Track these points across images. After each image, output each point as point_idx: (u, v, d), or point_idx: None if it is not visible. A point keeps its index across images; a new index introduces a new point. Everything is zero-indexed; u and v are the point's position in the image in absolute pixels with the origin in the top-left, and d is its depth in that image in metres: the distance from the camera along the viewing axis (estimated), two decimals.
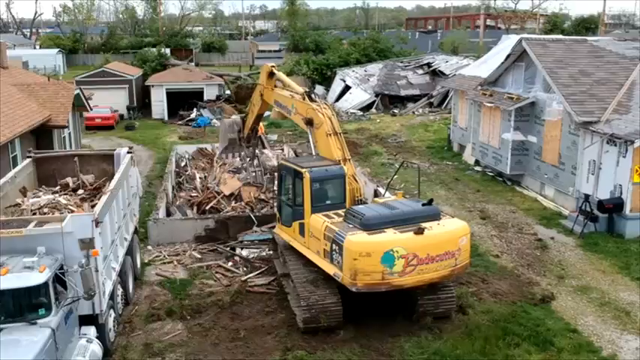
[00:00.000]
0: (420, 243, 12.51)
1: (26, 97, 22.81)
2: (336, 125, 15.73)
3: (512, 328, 13.38)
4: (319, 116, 15.63)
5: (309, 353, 12.50)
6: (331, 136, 15.45)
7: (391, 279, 12.40)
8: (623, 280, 15.99)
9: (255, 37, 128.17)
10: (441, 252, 12.72)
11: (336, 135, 15.59)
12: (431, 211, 13.52)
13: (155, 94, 43.37)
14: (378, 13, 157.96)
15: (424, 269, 12.61)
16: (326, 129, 15.46)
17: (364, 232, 12.63)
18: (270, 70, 18.42)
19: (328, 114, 15.83)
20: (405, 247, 12.37)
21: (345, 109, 45.31)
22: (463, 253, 13.19)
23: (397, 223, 12.87)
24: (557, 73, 21.41)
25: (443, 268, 12.84)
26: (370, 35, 56.76)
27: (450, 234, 13.03)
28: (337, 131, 15.68)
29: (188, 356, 12.61)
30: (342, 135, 15.83)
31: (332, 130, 15.51)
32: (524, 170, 24.11)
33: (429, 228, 12.85)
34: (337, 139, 15.55)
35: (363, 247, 12.25)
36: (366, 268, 12.26)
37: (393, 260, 12.28)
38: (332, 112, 16.14)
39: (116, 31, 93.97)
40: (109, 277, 12.53)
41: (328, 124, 15.54)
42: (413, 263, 12.46)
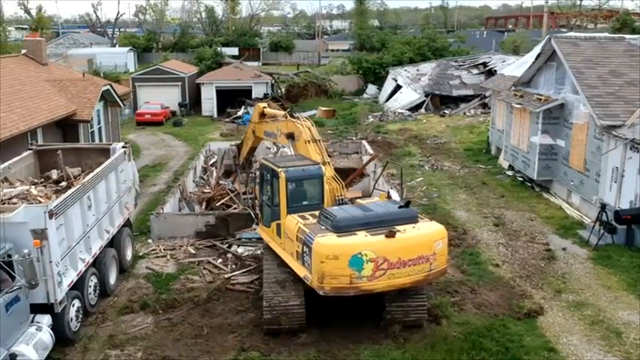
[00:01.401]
0: (390, 246, 12.03)
1: (56, 92, 23.85)
2: (315, 133, 16.05)
3: (483, 342, 12.60)
4: (298, 127, 15.98)
5: (263, 355, 12.30)
6: (310, 143, 15.64)
7: (360, 283, 11.98)
8: (627, 297, 14.73)
9: (328, 36, 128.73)
10: (413, 256, 12.17)
11: (315, 142, 15.78)
12: (407, 214, 12.97)
13: (205, 92, 44.35)
14: (457, 12, 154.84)
15: (395, 274, 12.11)
16: (305, 137, 15.61)
17: (334, 234, 12.29)
18: (261, 110, 18.94)
19: (307, 124, 16.20)
20: (375, 250, 11.92)
21: (394, 108, 44.58)
22: (439, 257, 12.57)
23: (370, 226, 12.43)
24: (584, 73, 20.06)
25: (416, 272, 12.29)
26: (426, 34, 55.54)
27: (424, 238, 12.45)
28: (316, 138, 15.86)
29: (146, 350, 12.70)
30: (320, 142, 15.93)
31: (311, 137, 15.76)
32: (552, 176, 22.76)
33: (402, 231, 12.34)
34: (316, 146, 15.69)
35: (330, 250, 11.90)
36: (334, 272, 11.90)
37: (362, 264, 11.86)
38: (311, 123, 16.27)
39: (188, 31, 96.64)
40: (73, 268, 12.81)
41: (307, 132, 15.81)
42: (383, 267, 12.00)
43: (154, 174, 27.59)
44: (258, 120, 19.16)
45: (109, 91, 25.77)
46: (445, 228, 13.18)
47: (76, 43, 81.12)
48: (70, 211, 12.67)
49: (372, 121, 41.47)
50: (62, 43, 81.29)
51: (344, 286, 11.95)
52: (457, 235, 18.94)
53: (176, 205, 20.91)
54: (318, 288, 12.13)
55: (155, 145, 35.07)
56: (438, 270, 12.69)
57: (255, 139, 20.00)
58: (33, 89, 22.79)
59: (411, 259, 12.11)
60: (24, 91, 22.21)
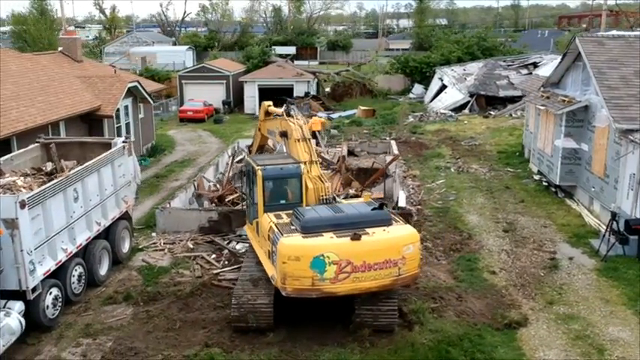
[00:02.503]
0: (355, 249, 11.82)
1: (85, 88, 24.77)
2: (306, 132, 15.86)
3: (451, 352, 12.14)
4: (291, 125, 15.76)
5: (225, 352, 12.31)
6: (299, 142, 15.47)
7: (322, 285, 11.83)
8: (623, 312, 13.82)
9: (393, 35, 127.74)
10: (380, 260, 11.91)
11: (305, 141, 15.58)
12: (380, 216, 12.69)
13: (248, 90, 44.93)
14: (529, 10, 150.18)
15: (360, 277, 11.89)
16: (295, 136, 15.42)
17: (301, 234, 12.19)
18: (266, 108, 18.95)
19: (299, 123, 15.97)
20: (338, 252, 11.74)
21: (437, 109, 43.71)
22: (409, 262, 12.22)
23: (340, 227, 12.24)
24: (605, 73, 18.99)
25: (383, 277, 12.02)
26: (476, 33, 54.05)
27: (392, 241, 12.16)
28: (306, 137, 15.66)
29: (117, 340, 12.96)
30: (310, 140, 15.69)
31: (301, 136, 15.55)
32: (575, 182, 21.66)
33: (371, 234, 12.10)
34: (305, 144, 15.52)
35: (292, 251, 11.82)
36: (295, 273, 11.81)
37: (324, 266, 11.71)
38: (304, 122, 16.10)
39: (248, 30, 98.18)
40: (52, 257, 13.25)
41: (298, 131, 15.64)
42: (347, 270, 11.80)
43: (180, 169, 28.18)
44: (264, 118, 19.23)
45: (137, 87, 26.50)
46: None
47: (139, 42, 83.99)
48: (50, 202, 13.09)
49: (411, 121, 40.81)
50: (126, 41, 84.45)
51: (306, 288, 11.81)
52: (460, 240, 18.38)
53: (186, 200, 21.28)
54: (281, 289, 12.06)
55: (191, 141, 35.83)
56: (409, 275, 12.33)
57: (262, 138, 20.10)
58: (61, 85, 23.75)
59: (377, 263, 11.83)
60: (51, 86, 23.18)
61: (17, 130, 18.57)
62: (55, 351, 12.60)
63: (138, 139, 28.00)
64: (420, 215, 20.97)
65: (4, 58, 23.25)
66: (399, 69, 51.45)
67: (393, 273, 11.96)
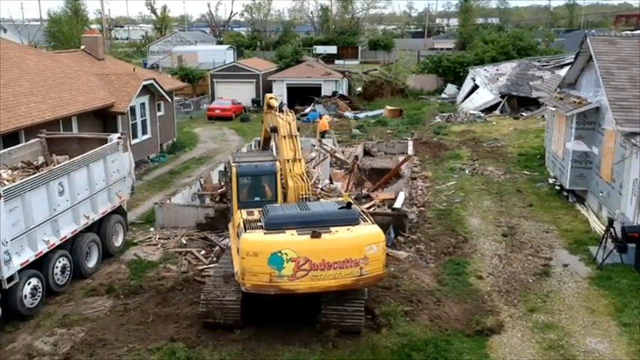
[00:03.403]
0: (314, 247, 11.76)
1: (101, 85, 25.44)
2: (294, 129, 15.69)
3: (414, 356, 11.91)
4: (280, 121, 15.73)
5: (188, 347, 12.41)
6: (286, 139, 15.42)
7: (280, 282, 11.83)
8: (607, 323, 13.23)
9: (441, 34, 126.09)
10: (340, 259, 11.80)
11: (291, 137, 15.50)
12: (346, 215, 12.55)
13: (276, 89, 45.13)
14: (585, 10, 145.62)
15: (319, 275, 11.82)
16: (282, 132, 15.40)
17: (263, 231, 12.22)
18: (268, 100, 18.95)
19: (289, 119, 15.93)
20: (296, 250, 11.70)
21: (467, 109, 42.88)
22: (372, 262, 12.04)
23: (304, 225, 12.18)
24: (613, 74, 18.23)
25: (343, 276, 11.89)
26: (512, 32, 52.66)
27: (353, 240, 12.01)
28: (293, 134, 15.56)
29: (90, 331, 13.25)
30: (297, 138, 15.55)
31: (287, 132, 15.49)
32: (586, 186, 20.86)
33: (333, 232, 11.98)
34: (292, 142, 15.48)
35: (250, 246, 11.88)
36: (253, 269, 11.86)
37: (282, 263, 11.71)
38: (293, 118, 15.99)
39: (290, 29, 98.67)
40: (31, 248, 13.66)
41: (286, 127, 15.58)
42: (305, 268, 11.76)
43: (195, 166, 28.60)
44: (266, 110, 19.14)
45: (154, 85, 27.01)
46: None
47: (182, 41, 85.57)
48: (30, 195, 13.50)
49: (438, 121, 40.17)
50: (170, 40, 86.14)
51: (264, 284, 11.83)
52: (455, 243, 17.98)
53: (189, 197, 21.57)
54: (241, 284, 12.12)
55: (214, 138, 36.32)
56: (372, 276, 12.13)
57: (265, 131, 19.98)
58: (76, 82, 24.47)
59: (337, 262, 11.72)
60: (66, 83, 23.91)
61: (23, 125, 19.22)
62: (29, 339, 12.98)
63: (155, 136, 28.56)
64: (421, 217, 20.66)
65: (23, 55, 24.13)
66: (432, 69, 50.74)
67: (355, 273, 11.80)
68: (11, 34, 66.29)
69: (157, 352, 12.23)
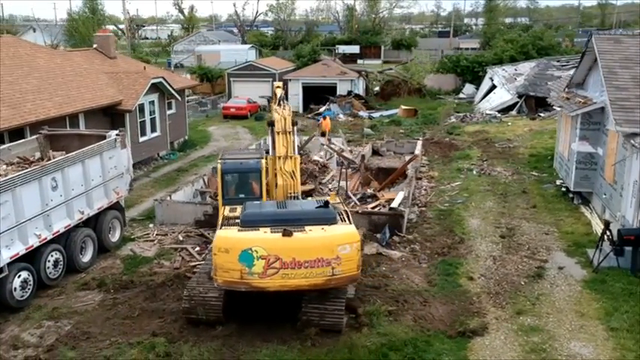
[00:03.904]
0: (285, 245, 11.75)
1: (111, 83, 25.81)
2: (288, 125, 15.61)
3: (391, 356, 11.82)
4: (275, 116, 15.73)
5: (169, 341, 12.50)
6: (280, 135, 15.40)
7: (250, 279, 11.87)
8: (594, 328, 12.94)
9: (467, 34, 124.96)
10: (311, 258, 11.77)
11: (285, 134, 15.46)
12: (323, 214, 12.53)
13: (292, 88, 45.25)
14: (618, 9, 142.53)
15: (289, 274, 11.81)
16: (276, 127, 15.40)
17: (238, 227, 12.27)
18: (274, 90, 18.97)
19: (284, 114, 15.84)
20: (266, 247, 11.72)
21: (483, 109, 42.39)
22: (345, 262, 11.96)
23: (279, 223, 12.19)
24: (616, 73, 17.83)
25: (314, 275, 11.86)
26: (532, 32, 51.83)
27: (325, 240, 11.95)
28: (287, 130, 15.51)
29: (76, 324, 13.46)
30: (291, 134, 15.52)
31: (281, 128, 15.46)
32: (591, 188, 20.45)
33: (307, 231, 11.96)
34: (285, 138, 15.44)
35: (222, 243, 11.97)
36: (225, 265, 11.94)
37: (252, 260, 11.75)
38: (289, 113, 15.95)
39: (313, 29, 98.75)
40: (22, 242, 13.92)
41: (281, 123, 15.52)
42: (275, 266, 11.77)
43: (204, 164, 28.79)
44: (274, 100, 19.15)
45: (162, 83, 27.29)
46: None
47: (206, 41, 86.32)
48: (20, 190, 13.75)
49: (452, 121, 39.79)
50: (194, 40, 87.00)
51: (235, 281, 11.88)
52: (450, 244, 17.79)
53: (191, 194, 21.75)
54: (214, 280, 12.20)
55: (226, 137, 36.56)
56: (345, 276, 12.05)
57: None
58: (85, 80, 24.85)
59: (307, 261, 11.68)
60: (75, 81, 24.31)
61: (27, 122, 19.60)
62: (17, 331, 13.23)
63: (165, 134, 28.84)
64: (421, 217, 20.50)
65: (34, 53, 24.62)
66: (450, 68, 50.27)
67: (326, 272, 11.75)
68: (40, 33, 67.81)
69: (137, 346, 12.35)
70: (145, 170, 27.43)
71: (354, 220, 18.18)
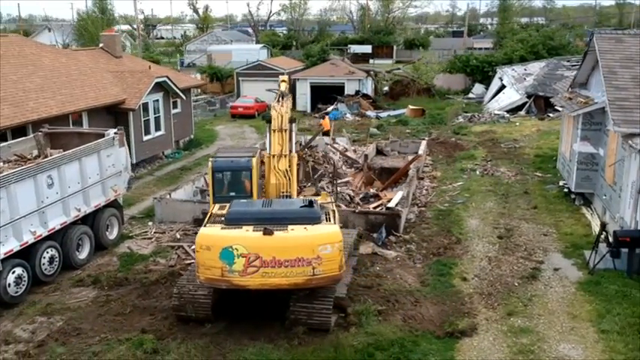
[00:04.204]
0: (265, 244, 11.77)
1: (115, 82, 26.02)
2: (285, 122, 15.56)
3: (376, 355, 11.81)
4: (272, 113, 15.70)
5: (157, 338, 12.58)
6: (275, 132, 15.38)
7: (231, 277, 11.92)
8: (585, 330, 12.81)
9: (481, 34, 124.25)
10: (291, 257, 11.77)
11: (280, 131, 15.43)
12: (306, 214, 12.47)
13: (300, 88, 45.31)
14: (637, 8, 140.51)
15: (269, 273, 11.82)
16: (273, 125, 15.40)
17: (222, 225, 12.34)
18: (280, 82, 18.93)
19: (282, 112, 15.76)
20: (247, 246, 11.76)
21: (492, 109, 42.11)
22: (326, 263, 11.93)
23: (263, 222, 12.20)
24: (616, 73, 17.62)
25: (294, 275, 11.85)
26: (542, 31, 51.34)
27: (305, 240, 11.90)
28: (283, 128, 15.49)
29: (68, 321, 13.60)
30: (286, 132, 15.51)
31: (277, 126, 15.44)
32: (592, 189, 20.23)
33: (288, 230, 11.97)
34: (280, 136, 15.41)
35: (204, 240, 12.05)
36: (207, 262, 12.01)
37: (233, 258, 11.79)
38: (286, 110, 15.86)
39: (325, 29, 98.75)
40: (16, 238, 14.09)
41: (277, 120, 15.48)
42: (255, 264, 11.80)
43: (207, 163, 28.89)
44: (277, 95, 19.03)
45: (167, 82, 27.46)
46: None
47: (218, 40, 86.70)
48: (14, 187, 13.92)
49: (460, 121, 39.58)
50: (206, 40, 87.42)
51: (216, 278, 11.96)
52: (447, 244, 17.71)
53: (191, 193, 21.86)
54: (197, 277, 12.28)
55: (232, 136, 36.69)
56: (327, 276, 11.98)
57: None
58: (89, 79, 25.09)
59: (287, 260, 11.69)
60: (79, 80, 24.54)
61: (29, 120, 19.83)
62: (10, 326, 13.40)
63: (169, 133, 29.01)
64: (420, 217, 20.43)
65: (39, 52, 24.89)
66: (460, 68, 50.00)
67: (307, 272, 11.73)
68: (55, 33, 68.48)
69: (125, 343, 12.45)
70: (149, 169, 27.62)
71: (352, 219, 18.50)
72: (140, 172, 26.94)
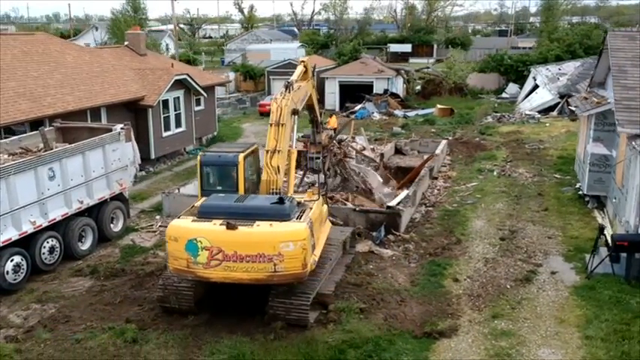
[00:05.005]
0: (227, 238, 11.91)
1: (136, 79, 26.66)
2: (283, 116, 15.06)
3: (347, 354, 11.75)
4: (273, 105, 15.37)
5: (139, 328, 12.89)
6: (272, 126, 15.11)
7: (196, 269, 12.16)
8: (570, 335, 12.46)
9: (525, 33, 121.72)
10: (252, 253, 11.86)
11: (277, 125, 15.09)
12: (275, 211, 12.46)
13: (329, 86, 45.36)
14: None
15: (231, 267, 11.97)
16: (270, 118, 15.24)
17: (193, 218, 12.57)
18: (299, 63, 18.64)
19: (282, 104, 15.22)
20: (210, 239, 11.95)
21: (524, 110, 41.21)
22: (288, 260, 11.88)
23: (232, 216, 12.29)
24: (626, 72, 17.04)
25: (256, 270, 11.92)
26: (579, 30, 49.82)
27: (266, 236, 11.93)
28: (280, 122, 15.21)
29: (60, 308, 14.07)
30: (283, 126, 15.20)
31: (275, 120, 15.11)
32: (605, 191, 19.62)
33: (252, 226, 12.03)
34: (276, 130, 14.95)
35: (172, 232, 12.38)
36: (175, 253, 12.32)
37: (197, 250, 12.02)
38: (286, 103, 15.43)
39: (365, 28, 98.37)
40: (15, 228, 14.65)
41: (275, 114, 15.13)
42: (218, 258, 11.97)
43: None
44: None
45: (187, 80, 27.96)
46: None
47: (258, 40, 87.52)
48: (14, 179, 14.47)
49: (489, 121, 38.89)
50: (246, 39, 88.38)
51: (183, 269, 12.25)
52: (446, 245, 17.48)
53: None
54: (167, 267, 12.55)
55: (257, 134, 36.97)
56: (288, 274, 11.95)
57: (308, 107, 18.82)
58: (111, 76, 25.78)
59: (249, 255, 11.80)
60: (100, 77, 25.26)
61: (45, 115, 20.54)
62: (6, 312, 13.95)
63: (190, 129, 29.50)
64: (425, 217, 20.22)
65: (63, 50, 25.74)
66: (494, 67, 49.06)
67: (268, 268, 11.77)
68: (101, 32, 70.57)
69: (108, 331, 12.79)
70: (169, 164, 28.19)
71: (353, 218, 18.46)
72: (159, 167, 27.55)
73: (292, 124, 15.45)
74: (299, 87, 16.41)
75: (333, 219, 18.58)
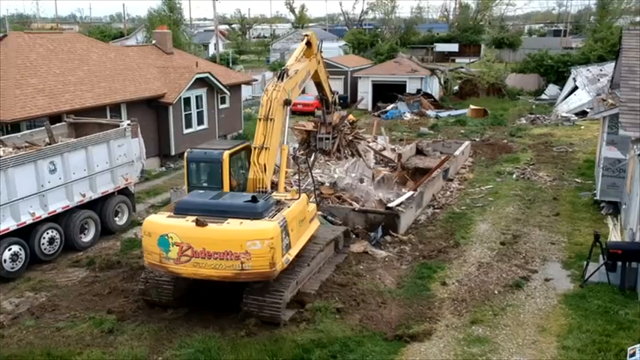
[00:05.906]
0: (196, 235, 12.04)
1: (159, 77, 27.27)
2: (273, 110, 14.59)
3: (315, 352, 11.70)
4: (263, 98, 14.90)
5: (118, 319, 13.21)
6: (260, 121, 14.88)
7: (167, 264, 12.36)
8: (548, 344, 12.03)
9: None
10: (219, 250, 11.94)
11: (266, 120, 14.84)
12: (247, 209, 12.49)
13: (361, 86, 45.14)
14: None
15: (200, 263, 12.09)
16: (259, 112, 15.07)
17: (169, 214, 12.78)
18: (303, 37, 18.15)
19: (272, 97, 14.64)
20: (180, 235, 12.12)
21: (560, 112, 39.93)
22: (255, 258, 11.89)
23: (208, 214, 12.44)
24: (635, 72, 16.30)
25: (223, 267, 11.99)
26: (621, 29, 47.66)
27: (233, 234, 11.97)
28: (269, 117, 14.97)
29: (51, 297, 14.56)
30: (273, 121, 14.98)
31: (264, 115, 14.83)
32: (619, 197, 18.82)
33: (223, 223, 12.12)
34: (264, 125, 14.64)
35: (147, 227, 12.65)
36: (148, 248, 12.57)
37: (168, 245, 12.21)
38: (276, 95, 14.70)
39: (412, 27, 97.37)
40: (14, 219, 15.25)
41: (265, 107, 14.70)
42: (187, 254, 12.11)
43: None
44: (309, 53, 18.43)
45: (210, 78, 28.39)
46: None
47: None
48: (12, 171, 15.05)
49: (522, 123, 37.89)
50: (291, 38, 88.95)
51: (156, 264, 12.47)
52: (443, 248, 17.15)
53: None
54: (144, 261, 12.81)
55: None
56: (255, 272, 11.95)
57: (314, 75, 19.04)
58: (134, 74, 26.46)
59: (217, 253, 11.88)
60: (122, 74, 25.96)
61: (61, 110, 21.25)
62: (1, 298, 14.54)
63: (213, 127, 29.90)
64: (430, 218, 19.91)
65: (89, 48, 26.57)
66: (533, 68, 47.70)
67: (235, 266, 11.81)
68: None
69: (89, 321, 13.17)
70: None
71: (352, 218, 18.35)
72: (180, 163, 28.03)
73: (284, 118, 15.05)
74: (295, 71, 15.97)
75: (332, 219, 18.61)
